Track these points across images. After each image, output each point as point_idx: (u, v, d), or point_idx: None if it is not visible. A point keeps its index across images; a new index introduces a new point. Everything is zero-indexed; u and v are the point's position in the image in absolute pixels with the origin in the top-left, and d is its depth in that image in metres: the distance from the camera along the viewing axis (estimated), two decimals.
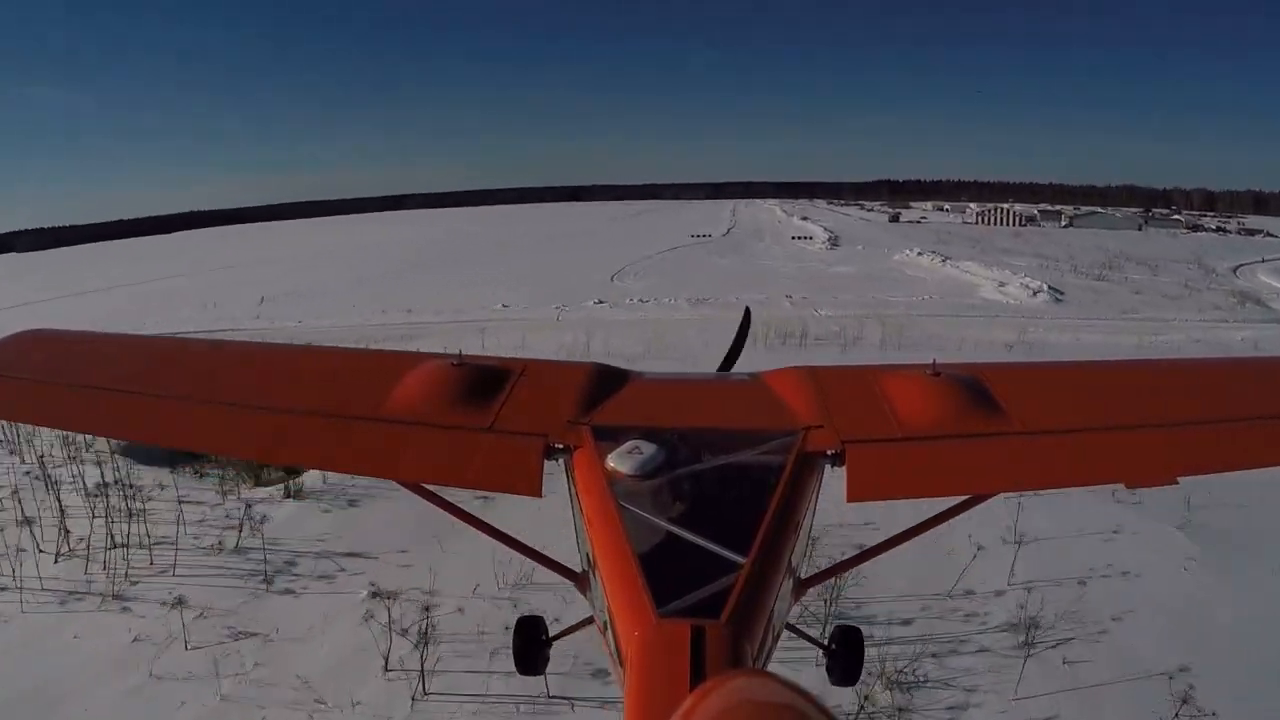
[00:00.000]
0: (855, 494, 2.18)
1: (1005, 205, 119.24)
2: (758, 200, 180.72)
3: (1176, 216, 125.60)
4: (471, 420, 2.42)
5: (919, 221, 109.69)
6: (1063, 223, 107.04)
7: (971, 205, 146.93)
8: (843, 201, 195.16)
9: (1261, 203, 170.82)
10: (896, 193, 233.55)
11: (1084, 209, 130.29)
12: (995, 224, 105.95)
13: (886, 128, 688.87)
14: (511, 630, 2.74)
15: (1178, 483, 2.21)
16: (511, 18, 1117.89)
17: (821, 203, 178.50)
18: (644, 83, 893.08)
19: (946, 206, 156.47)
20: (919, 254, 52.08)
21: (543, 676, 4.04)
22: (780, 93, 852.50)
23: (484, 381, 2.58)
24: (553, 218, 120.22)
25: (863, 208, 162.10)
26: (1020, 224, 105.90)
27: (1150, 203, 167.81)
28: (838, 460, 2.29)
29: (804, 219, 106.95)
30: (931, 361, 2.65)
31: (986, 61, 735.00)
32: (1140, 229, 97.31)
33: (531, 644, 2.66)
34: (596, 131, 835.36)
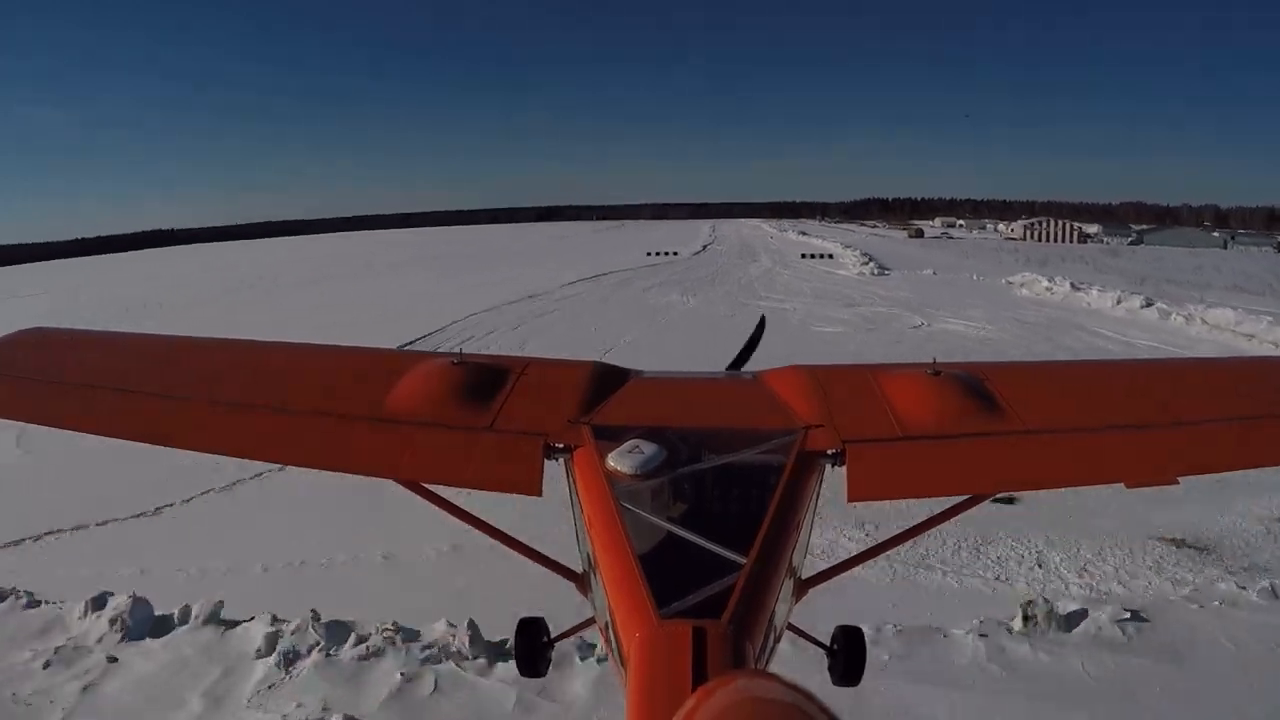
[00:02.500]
0: (856, 494, 2.11)
1: (1058, 220, 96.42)
2: (740, 220, 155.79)
3: (1243, 233, 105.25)
4: (471, 420, 2.35)
5: (948, 238, 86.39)
6: (1129, 239, 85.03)
7: (989, 222, 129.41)
8: (835, 220, 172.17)
9: (1276, 219, 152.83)
10: (888, 211, 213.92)
11: (1144, 226, 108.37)
12: (1052, 241, 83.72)
13: (871, 148, 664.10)
14: (513, 632, 2.62)
15: (1178, 482, 2.22)
16: (489, 41, 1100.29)
17: (813, 221, 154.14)
18: (620, 104, 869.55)
19: (961, 222, 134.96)
20: (1074, 287, 27.01)
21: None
22: (760, 112, 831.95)
23: (484, 380, 2.52)
24: (490, 237, 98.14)
25: (863, 224, 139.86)
26: (1079, 241, 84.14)
27: (1159, 219, 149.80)
28: (838, 460, 2.18)
29: (802, 234, 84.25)
30: (932, 360, 2.56)
31: (975, 76, 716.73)
32: (1225, 247, 79.03)
33: (534, 645, 2.54)
34: (575, 154, 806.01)
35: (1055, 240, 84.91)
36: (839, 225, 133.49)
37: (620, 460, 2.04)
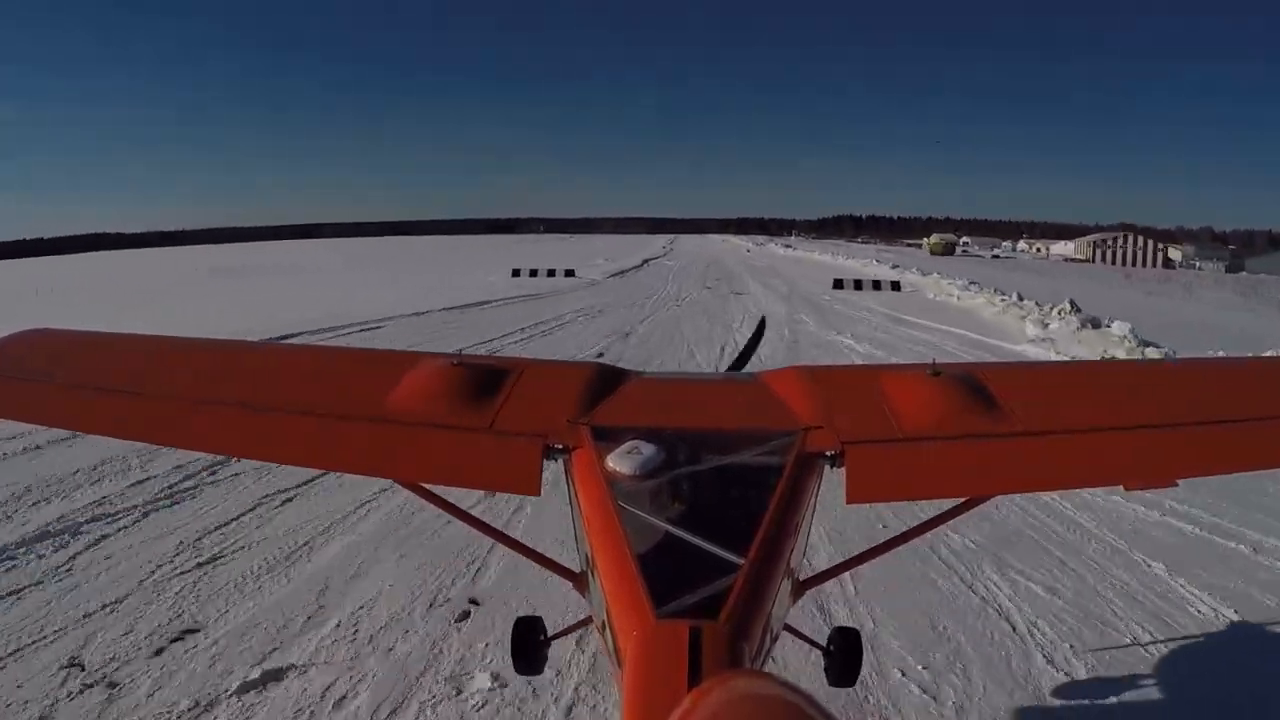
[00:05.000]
0: (855, 496, 2.13)
1: (1135, 237, 74.74)
2: (704, 235, 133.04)
3: None
4: (470, 420, 2.36)
5: (988, 257, 63.79)
6: (1225, 264, 64.44)
7: (999, 240, 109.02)
8: (812, 235, 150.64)
9: (1276, 243, 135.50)
10: (861, 228, 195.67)
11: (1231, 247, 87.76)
12: (1131, 264, 61.91)
13: (839, 165, 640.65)
14: (510, 630, 2.72)
15: (1178, 484, 2.25)
16: (456, 54, 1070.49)
17: (791, 237, 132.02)
18: (580, 120, 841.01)
19: (967, 239, 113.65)
20: None
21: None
22: (722, 126, 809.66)
23: (483, 381, 2.53)
24: (386, 249, 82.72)
25: (853, 240, 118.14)
26: (1164, 264, 62.71)
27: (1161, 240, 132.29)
28: (837, 461, 2.20)
29: (788, 248, 62.74)
30: (931, 361, 2.59)
31: (949, 88, 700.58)
32: None
33: (530, 644, 2.60)
34: (534, 170, 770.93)
35: (1135, 263, 63.46)
36: (828, 241, 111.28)
37: (619, 461, 2.06)
